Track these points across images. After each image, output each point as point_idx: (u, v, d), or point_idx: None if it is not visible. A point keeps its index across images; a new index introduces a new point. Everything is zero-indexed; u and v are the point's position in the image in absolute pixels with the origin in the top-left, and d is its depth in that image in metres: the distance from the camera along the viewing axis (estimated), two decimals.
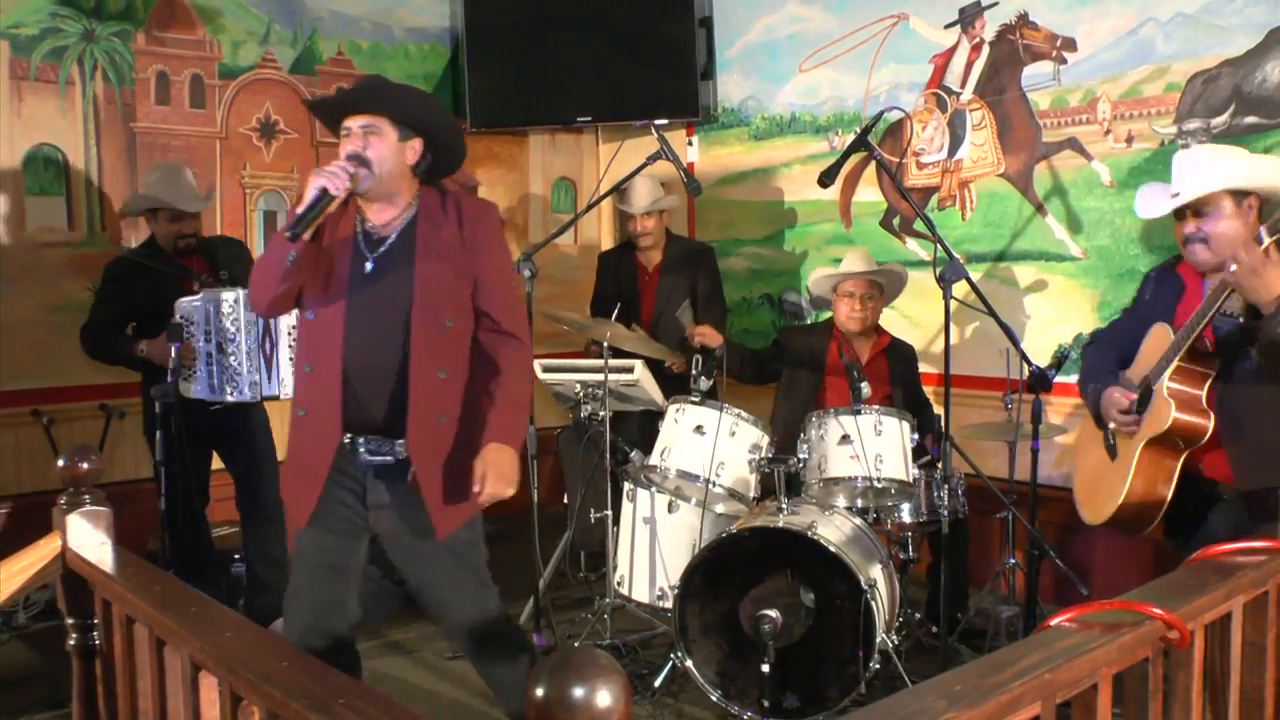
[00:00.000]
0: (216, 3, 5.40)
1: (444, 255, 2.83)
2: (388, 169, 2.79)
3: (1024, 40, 4.77)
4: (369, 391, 2.78)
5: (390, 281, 2.79)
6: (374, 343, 2.78)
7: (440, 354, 2.81)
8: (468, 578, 2.91)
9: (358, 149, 2.76)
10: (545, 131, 6.54)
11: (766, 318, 5.91)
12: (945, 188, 5.09)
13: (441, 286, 2.81)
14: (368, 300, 2.79)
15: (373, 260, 2.82)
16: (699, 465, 3.82)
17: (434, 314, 2.80)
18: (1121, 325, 3.41)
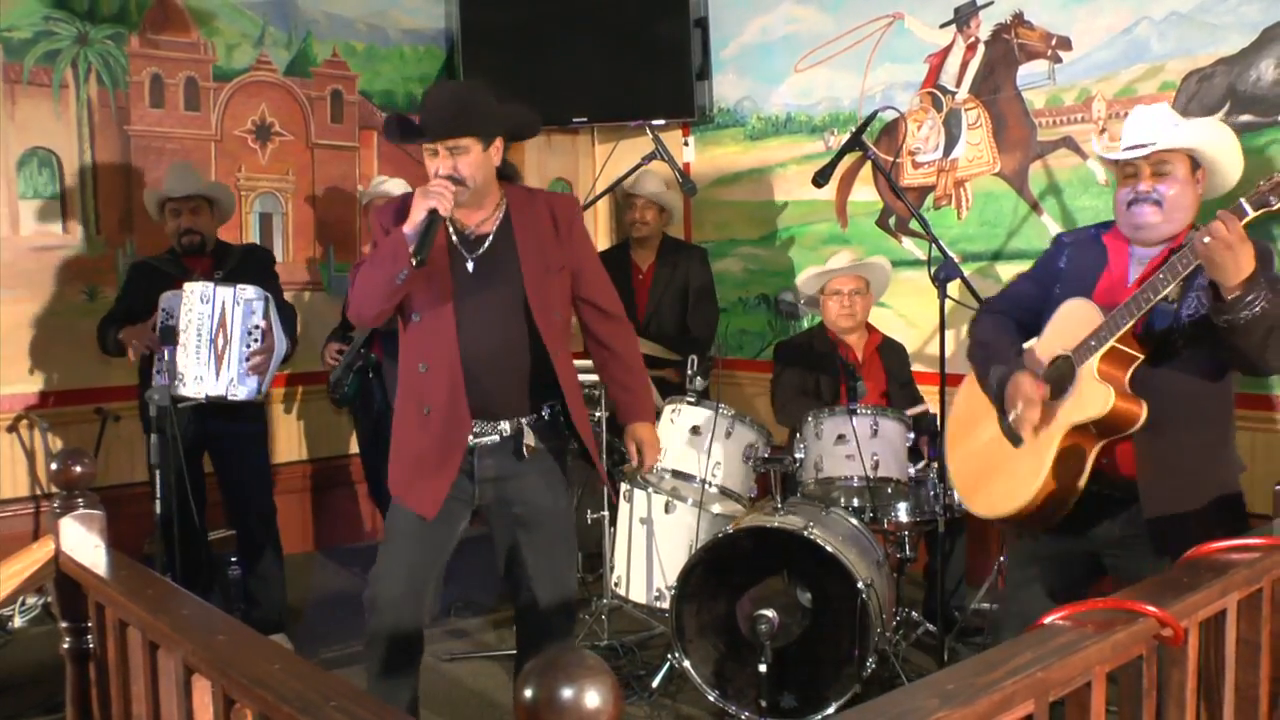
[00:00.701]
0: (210, 5, 5.39)
1: (544, 248, 2.96)
2: (481, 179, 2.88)
3: (1019, 39, 4.78)
4: (482, 384, 2.91)
5: (494, 279, 2.92)
6: (485, 338, 2.90)
7: (554, 338, 2.96)
8: (562, 549, 3.09)
9: (450, 171, 2.83)
10: (541, 132, 6.52)
11: (762, 318, 5.90)
12: (941, 187, 5.09)
13: (548, 276, 2.95)
14: (478, 299, 2.90)
15: (473, 260, 2.93)
16: (695, 466, 3.82)
17: (545, 304, 2.94)
18: (1020, 292, 3.07)
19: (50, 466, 2.48)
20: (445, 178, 2.81)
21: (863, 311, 4.45)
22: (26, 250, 4.89)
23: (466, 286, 2.92)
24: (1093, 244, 2.90)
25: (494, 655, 4.17)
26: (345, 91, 5.81)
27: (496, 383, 2.95)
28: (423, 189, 2.79)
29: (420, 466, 2.96)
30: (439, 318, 2.91)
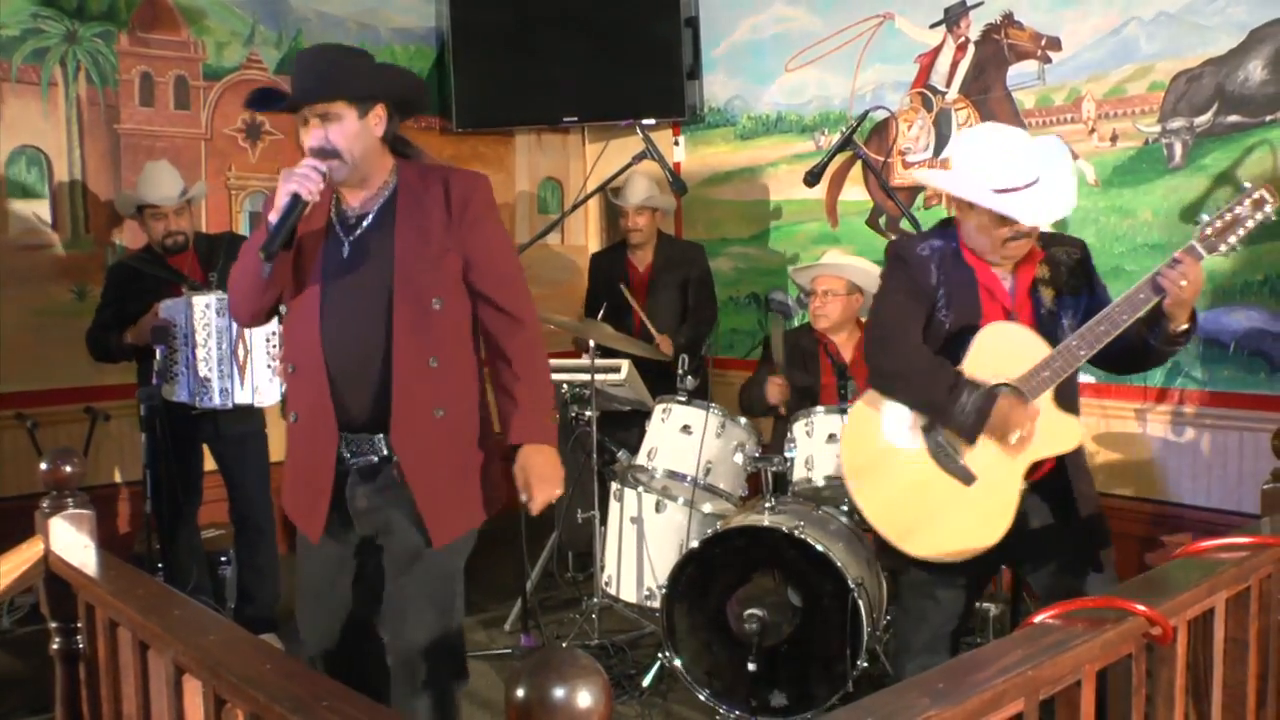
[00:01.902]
0: (200, 3, 5.38)
1: (427, 229, 2.59)
2: (360, 151, 2.56)
3: (1009, 40, 4.79)
4: (349, 386, 2.56)
5: (369, 264, 2.57)
6: (353, 332, 2.55)
7: (430, 340, 2.56)
8: (435, 593, 2.65)
9: (320, 142, 2.54)
10: (531, 132, 6.54)
11: (753, 317, 5.91)
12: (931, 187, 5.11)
13: (424, 262, 2.56)
14: (345, 287, 2.57)
15: (349, 243, 2.60)
16: (686, 465, 3.82)
17: (417, 294, 2.55)
18: (908, 310, 2.81)
19: (40, 466, 2.48)
20: (315, 150, 2.53)
21: (838, 313, 4.36)
22: (15, 249, 4.88)
23: (338, 274, 2.58)
24: (956, 260, 2.79)
25: (485, 655, 4.17)
26: None
27: (360, 388, 2.56)
28: (287, 170, 2.47)
29: (295, 483, 2.69)
30: (305, 310, 2.59)
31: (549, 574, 4.72)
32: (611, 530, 4.06)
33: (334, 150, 2.53)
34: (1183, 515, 4.16)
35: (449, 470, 2.60)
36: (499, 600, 4.64)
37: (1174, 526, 4.23)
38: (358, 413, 2.57)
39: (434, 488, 2.57)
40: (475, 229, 2.62)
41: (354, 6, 5.87)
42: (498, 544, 4.49)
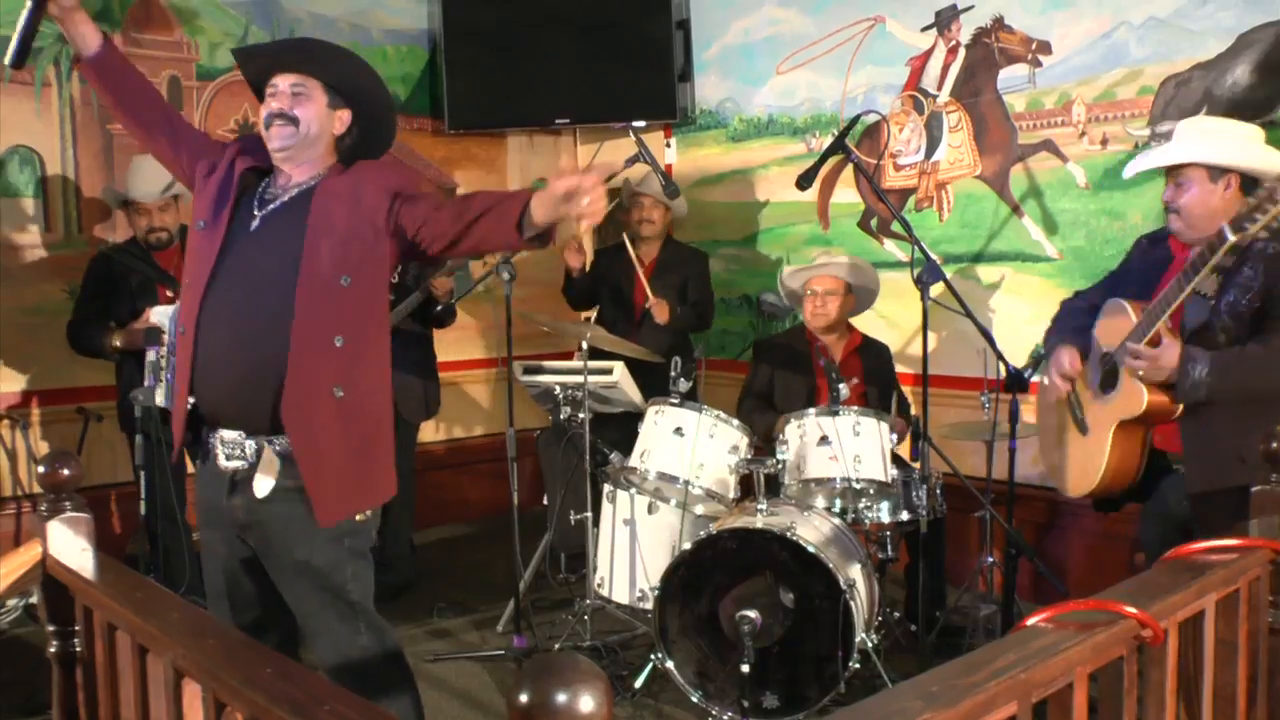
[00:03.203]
0: (193, 4, 5.38)
1: (340, 210, 2.57)
2: (314, 132, 2.61)
3: (999, 43, 4.81)
4: (228, 368, 2.52)
5: (275, 239, 2.56)
6: (243, 311, 2.51)
7: (334, 317, 2.52)
8: (326, 606, 2.59)
9: (283, 107, 2.58)
10: (523, 133, 6.55)
11: (745, 319, 5.93)
12: (922, 189, 5.13)
13: (333, 237, 2.53)
14: (241, 262, 2.55)
15: (260, 217, 2.60)
16: (678, 467, 3.84)
17: (323, 266, 2.51)
18: (1103, 286, 3.41)
19: (37, 469, 2.48)
20: (276, 113, 2.57)
21: (836, 313, 4.45)
22: (7, 248, 4.88)
23: (241, 246, 2.56)
24: (1161, 244, 3.23)
25: (477, 656, 4.18)
26: None
27: (241, 373, 2.50)
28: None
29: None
30: (196, 275, 2.57)
31: (541, 575, 4.73)
32: (604, 532, 4.07)
33: (294, 118, 2.58)
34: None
35: (343, 450, 2.54)
36: (491, 601, 4.65)
37: None
38: (227, 401, 2.53)
39: (325, 466, 2.52)
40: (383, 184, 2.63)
41: (346, 7, 5.87)
42: (491, 545, 4.51)
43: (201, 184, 2.68)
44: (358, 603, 2.62)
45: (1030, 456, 4.58)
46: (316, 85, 2.62)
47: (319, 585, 2.58)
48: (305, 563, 2.56)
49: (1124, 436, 3.08)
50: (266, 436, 2.53)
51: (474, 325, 6.33)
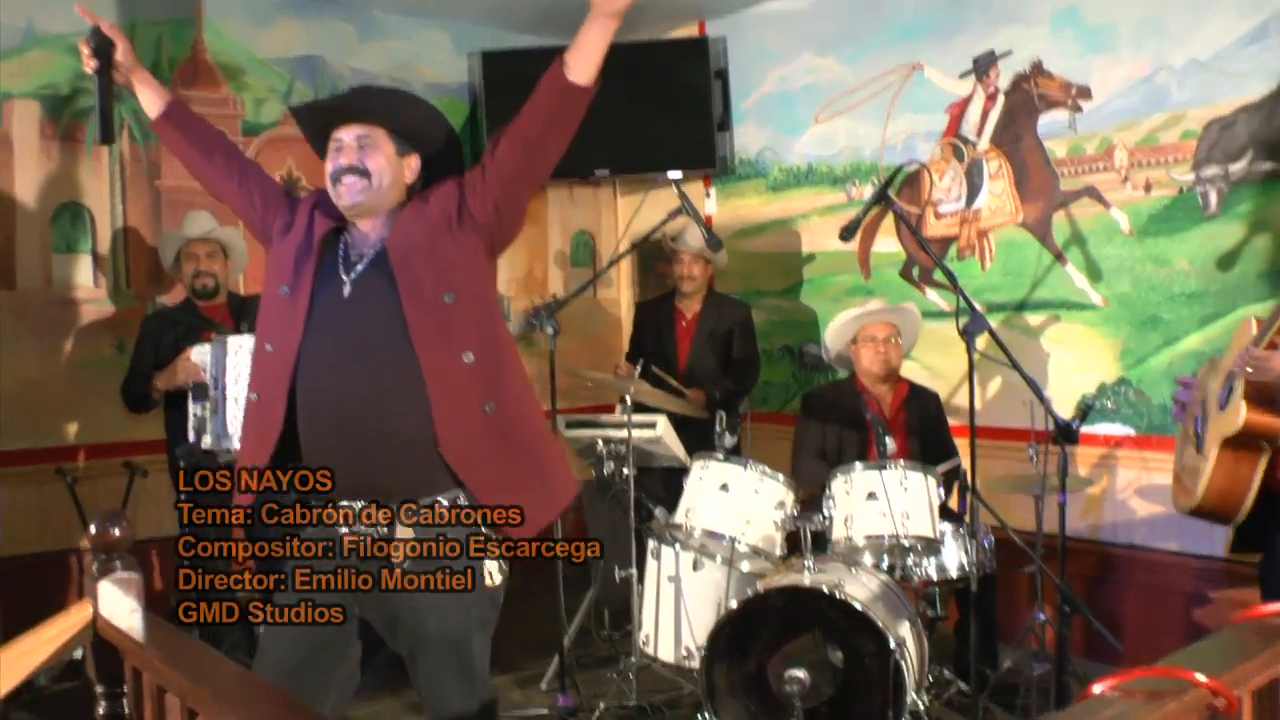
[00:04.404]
0: (240, 60, 5.47)
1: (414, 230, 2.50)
2: (386, 183, 2.51)
3: (1039, 89, 4.80)
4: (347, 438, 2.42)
5: (372, 302, 2.46)
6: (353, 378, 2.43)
7: (455, 336, 2.43)
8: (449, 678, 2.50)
9: (352, 161, 2.48)
10: (564, 185, 6.58)
11: (787, 370, 5.90)
12: (964, 237, 5.10)
13: (420, 255, 2.45)
14: (343, 326, 2.46)
15: (350, 283, 2.50)
16: (724, 523, 3.80)
17: (424, 294, 2.43)
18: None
19: (88, 528, 2.49)
20: (345, 167, 2.47)
21: (895, 359, 4.44)
22: (58, 303, 4.95)
23: (334, 311, 2.47)
24: None
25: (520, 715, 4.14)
26: None
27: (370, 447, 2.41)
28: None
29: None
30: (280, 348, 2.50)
31: (586, 631, 4.69)
32: (649, 588, 4.03)
33: (365, 170, 2.49)
34: (1231, 570, 4.10)
35: (515, 464, 2.49)
36: (535, 658, 4.60)
37: (1222, 582, 4.18)
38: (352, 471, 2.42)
39: (503, 485, 2.45)
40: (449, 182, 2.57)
41: (388, 62, 5.94)
42: (535, 600, 4.47)
43: (279, 242, 2.61)
44: (479, 674, 2.55)
45: (1080, 509, 4.53)
46: (382, 133, 2.52)
47: (446, 657, 2.49)
48: (436, 634, 2.46)
49: (1232, 457, 3.00)
50: (396, 502, 2.43)
51: None
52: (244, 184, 2.72)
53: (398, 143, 2.54)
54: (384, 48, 5.95)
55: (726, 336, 5.19)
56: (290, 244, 2.57)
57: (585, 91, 2.52)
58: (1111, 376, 4.55)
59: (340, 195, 2.51)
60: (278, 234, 2.63)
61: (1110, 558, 4.54)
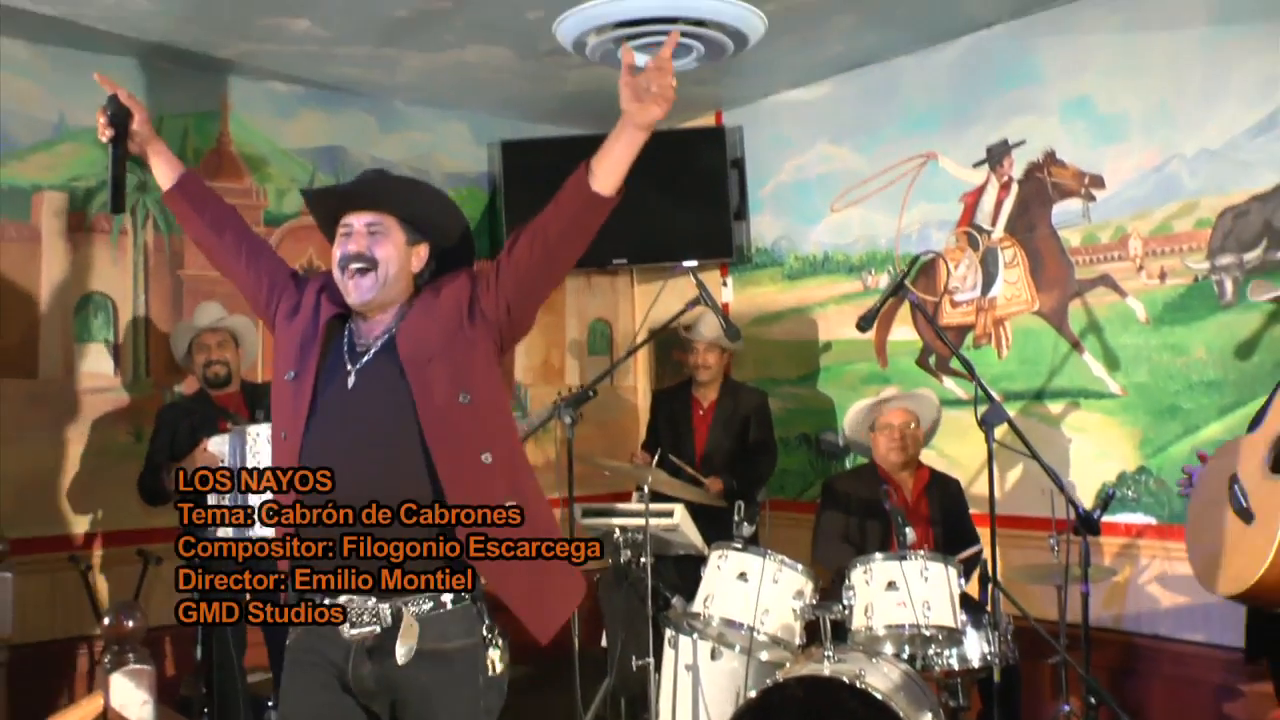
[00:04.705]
0: (263, 151, 5.57)
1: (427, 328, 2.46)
2: (394, 272, 2.46)
3: (1052, 178, 4.84)
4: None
5: (378, 389, 2.42)
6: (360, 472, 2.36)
7: (471, 436, 2.41)
8: None
9: (360, 249, 2.44)
10: (581, 274, 6.63)
11: (803, 458, 5.88)
12: (980, 325, 5.11)
13: (433, 355, 2.41)
14: (348, 418, 2.41)
15: (355, 373, 2.45)
16: (743, 612, 3.76)
17: (438, 394, 2.39)
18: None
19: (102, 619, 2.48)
20: (352, 255, 2.43)
21: (913, 447, 4.44)
22: (80, 392, 4.99)
23: (339, 401, 2.42)
24: None
25: None
26: None
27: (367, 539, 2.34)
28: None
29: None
30: (288, 435, 2.45)
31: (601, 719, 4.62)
32: (666, 677, 3.98)
33: (372, 260, 2.44)
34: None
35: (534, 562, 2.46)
36: None
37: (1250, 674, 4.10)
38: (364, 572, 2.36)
39: (526, 582, 2.44)
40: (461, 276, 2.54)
41: (408, 152, 6.04)
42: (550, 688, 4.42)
43: (285, 325, 2.57)
44: None
45: (1102, 598, 4.47)
46: (393, 221, 2.48)
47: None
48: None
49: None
50: (402, 598, 2.38)
51: None
52: (253, 263, 2.68)
53: (408, 231, 2.50)
54: (404, 138, 6.05)
55: (743, 424, 5.19)
56: (296, 328, 2.55)
57: (609, 201, 2.48)
58: (1132, 465, 4.52)
59: (349, 292, 2.47)
60: (283, 317, 2.59)
61: (1135, 648, 4.47)
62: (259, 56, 5.26)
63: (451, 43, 5.12)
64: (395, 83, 5.71)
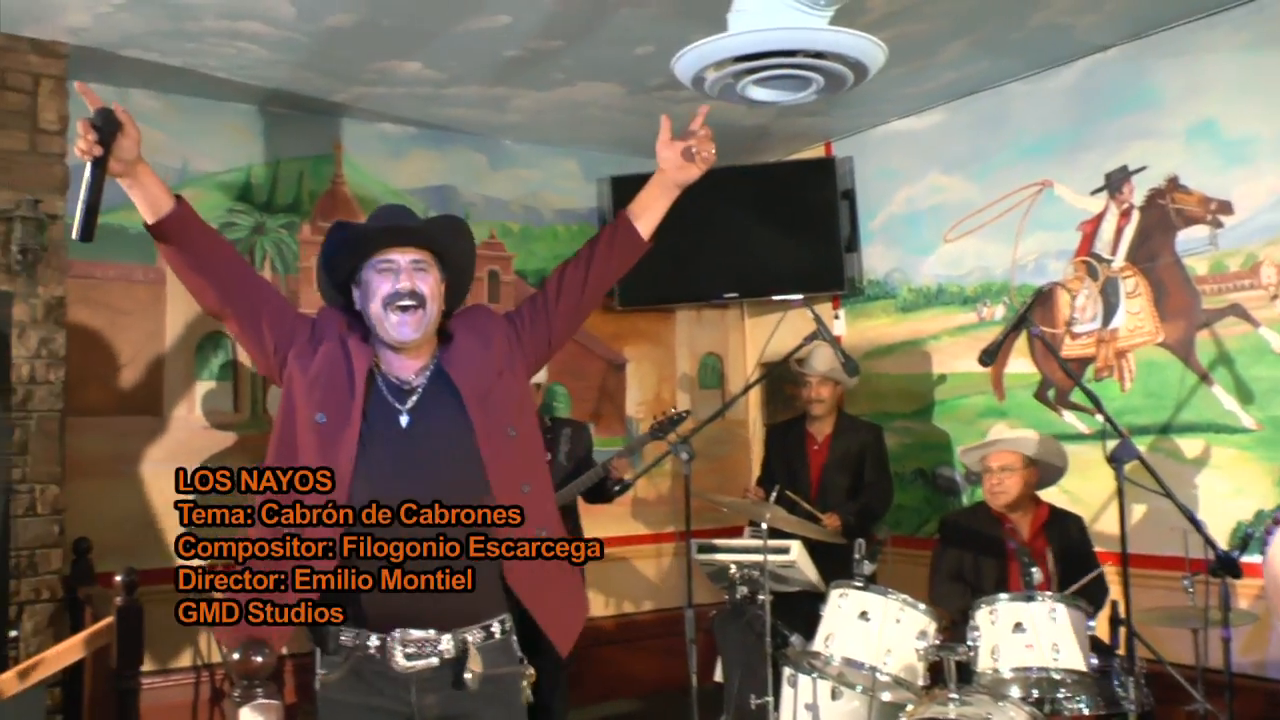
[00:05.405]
0: (375, 192, 5.67)
1: (479, 366, 2.51)
2: (436, 309, 2.49)
3: (1175, 204, 4.69)
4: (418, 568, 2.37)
5: (436, 430, 2.45)
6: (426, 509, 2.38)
7: (518, 469, 2.50)
8: None
9: (412, 286, 2.44)
10: (691, 308, 6.63)
11: (920, 493, 5.77)
12: (1101, 358, 4.96)
13: (489, 392, 2.48)
14: (407, 458, 2.42)
15: (406, 413, 2.46)
16: (865, 652, 3.69)
17: (494, 430, 2.46)
18: None
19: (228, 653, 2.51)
20: (406, 291, 2.42)
21: (1016, 491, 4.31)
22: (200, 429, 5.14)
23: (391, 443, 2.43)
24: None
25: None
26: (502, 271, 6.00)
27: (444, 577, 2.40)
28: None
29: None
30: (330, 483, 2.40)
31: None
32: (785, 717, 3.92)
33: (421, 296, 2.45)
34: None
35: (558, 582, 2.57)
36: None
37: None
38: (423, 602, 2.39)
39: (553, 603, 2.54)
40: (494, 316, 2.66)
41: (519, 190, 6.11)
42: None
43: (300, 368, 2.50)
44: None
45: (1241, 643, 4.28)
46: (433, 259, 2.50)
47: None
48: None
49: None
50: (463, 628, 2.44)
51: (639, 499, 6.31)
52: (254, 312, 2.54)
53: (441, 270, 2.53)
54: (514, 175, 6.13)
55: (858, 459, 5.11)
56: (318, 370, 2.49)
57: (648, 247, 2.75)
58: (1269, 503, 4.32)
59: (392, 327, 2.46)
60: (296, 358, 2.52)
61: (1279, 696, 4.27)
62: (371, 99, 5.37)
63: (561, 80, 5.17)
64: (505, 122, 5.78)
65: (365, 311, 2.51)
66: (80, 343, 4.84)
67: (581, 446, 4.88)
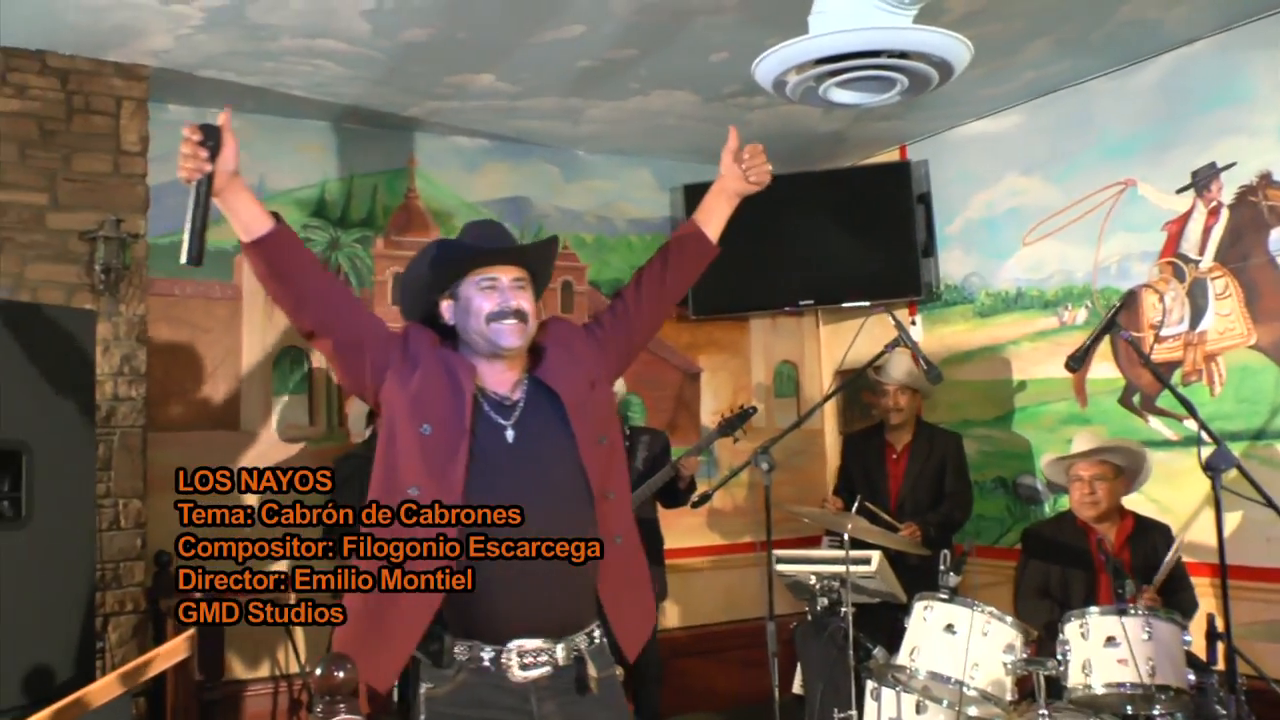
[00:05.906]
0: (449, 205, 5.71)
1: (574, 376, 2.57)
2: (534, 325, 2.57)
3: (1268, 201, 4.55)
4: (539, 580, 2.42)
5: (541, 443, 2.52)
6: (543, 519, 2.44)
7: (606, 476, 2.58)
8: None
9: (519, 304, 2.51)
10: (766, 316, 6.58)
11: (1001, 503, 5.65)
12: (1189, 362, 4.82)
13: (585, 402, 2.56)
14: (518, 470, 2.47)
15: (511, 427, 2.51)
16: (951, 666, 3.62)
17: (590, 439, 2.54)
18: None
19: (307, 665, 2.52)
20: (516, 310, 2.49)
21: (1107, 499, 4.21)
22: (278, 442, 5.20)
23: (501, 455, 2.48)
24: None
25: None
26: (575, 282, 6.01)
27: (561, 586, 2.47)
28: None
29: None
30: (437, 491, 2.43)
31: None
32: None
33: (524, 314, 2.52)
34: None
35: (631, 590, 2.63)
36: None
37: None
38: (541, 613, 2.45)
39: (625, 610, 2.60)
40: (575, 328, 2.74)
41: (593, 201, 6.12)
42: None
43: (401, 383, 2.51)
44: None
45: None
46: (529, 278, 2.59)
47: None
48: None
49: None
50: (574, 635, 2.50)
51: (714, 510, 6.26)
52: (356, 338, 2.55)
53: (534, 289, 2.62)
54: (588, 186, 6.13)
55: (938, 468, 5.04)
56: (420, 384, 2.50)
57: (717, 252, 2.89)
58: None
59: (501, 335, 2.51)
60: (397, 374, 2.53)
61: None
62: (445, 113, 5.40)
63: (635, 90, 5.16)
64: (578, 133, 5.78)
65: (464, 326, 2.56)
66: (161, 359, 4.93)
67: (658, 453, 4.88)
